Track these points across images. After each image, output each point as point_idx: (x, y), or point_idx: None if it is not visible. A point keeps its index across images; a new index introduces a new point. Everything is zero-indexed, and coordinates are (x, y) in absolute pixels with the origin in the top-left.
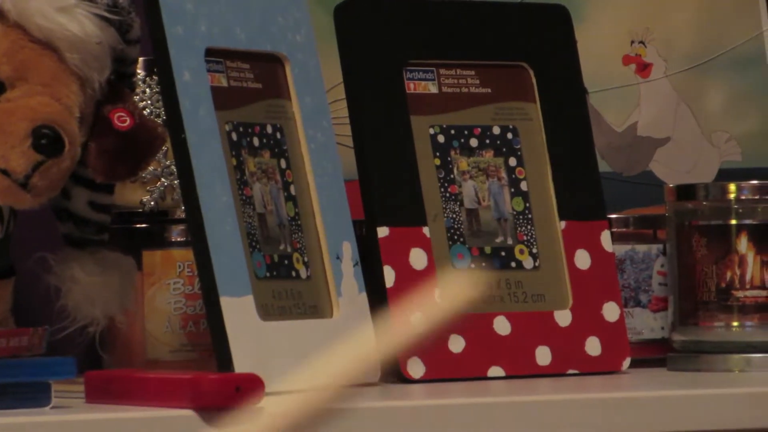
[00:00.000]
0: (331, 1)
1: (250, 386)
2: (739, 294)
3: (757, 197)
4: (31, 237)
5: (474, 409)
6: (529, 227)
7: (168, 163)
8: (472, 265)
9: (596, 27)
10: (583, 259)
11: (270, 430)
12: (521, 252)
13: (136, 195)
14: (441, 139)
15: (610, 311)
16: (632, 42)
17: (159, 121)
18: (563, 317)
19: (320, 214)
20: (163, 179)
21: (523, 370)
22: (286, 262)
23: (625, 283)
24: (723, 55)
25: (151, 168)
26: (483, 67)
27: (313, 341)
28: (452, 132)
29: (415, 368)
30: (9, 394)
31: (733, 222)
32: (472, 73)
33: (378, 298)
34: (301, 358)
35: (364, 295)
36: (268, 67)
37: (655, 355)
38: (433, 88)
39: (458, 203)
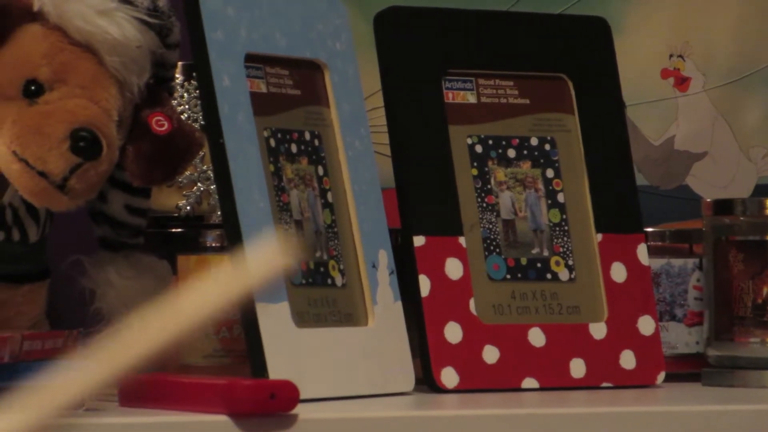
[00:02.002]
0: (371, 9)
1: (285, 393)
2: None
3: None
4: (67, 239)
5: (507, 421)
6: (565, 239)
7: (205, 168)
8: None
9: (635, 40)
10: (619, 272)
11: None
12: (557, 264)
13: (172, 199)
14: (479, 149)
15: (646, 325)
16: (671, 56)
17: (196, 125)
18: (598, 330)
19: (357, 222)
20: (199, 184)
21: (557, 382)
22: (322, 269)
23: (660, 296)
24: (762, 71)
25: (187, 173)
26: (522, 77)
27: (348, 349)
28: (490, 142)
29: (449, 378)
30: None
31: None
32: (511, 83)
33: (413, 307)
34: (336, 366)
35: (399, 304)
36: (307, 74)
37: (689, 369)
38: (471, 98)
39: (495, 214)
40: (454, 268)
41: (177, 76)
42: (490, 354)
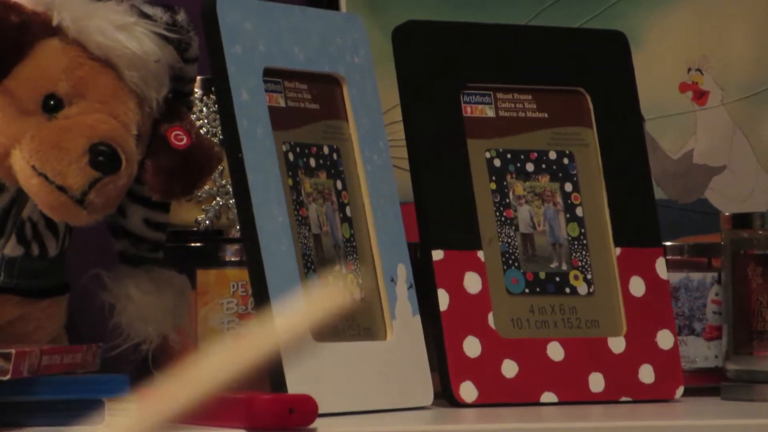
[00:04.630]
0: (390, 23)
1: (304, 408)
2: None
3: None
4: (86, 254)
5: None
6: (583, 253)
7: (224, 182)
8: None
9: (654, 54)
10: (637, 286)
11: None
12: (576, 278)
13: (191, 214)
14: (497, 163)
15: (664, 339)
16: (689, 69)
17: (215, 140)
18: (617, 344)
19: (375, 236)
20: (218, 198)
21: (575, 396)
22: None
23: (679, 311)
24: None
25: (206, 187)
26: (540, 91)
27: (367, 363)
28: (508, 156)
29: (468, 392)
30: (62, 411)
31: None
32: (529, 97)
33: (432, 321)
34: (354, 380)
35: (417, 318)
36: (325, 88)
37: (708, 383)
38: (490, 112)
39: (513, 228)
40: (472, 282)
41: (196, 90)
42: (509, 368)
